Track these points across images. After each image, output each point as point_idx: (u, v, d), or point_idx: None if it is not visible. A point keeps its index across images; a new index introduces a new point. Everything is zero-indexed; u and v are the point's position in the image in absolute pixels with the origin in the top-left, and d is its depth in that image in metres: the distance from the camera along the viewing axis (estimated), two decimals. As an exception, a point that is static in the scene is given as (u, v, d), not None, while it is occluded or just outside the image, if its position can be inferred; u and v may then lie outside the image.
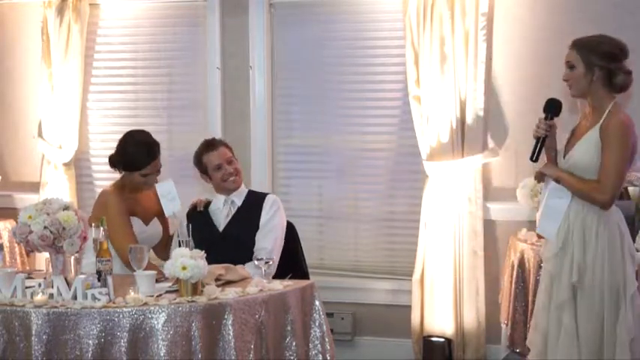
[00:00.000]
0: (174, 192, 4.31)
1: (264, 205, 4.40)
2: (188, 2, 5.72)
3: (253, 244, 4.31)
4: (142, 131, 4.44)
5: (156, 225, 4.43)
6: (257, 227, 4.35)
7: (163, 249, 4.48)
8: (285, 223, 4.45)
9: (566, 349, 3.49)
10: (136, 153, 4.31)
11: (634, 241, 4.19)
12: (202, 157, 4.44)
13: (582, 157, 3.50)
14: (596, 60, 3.49)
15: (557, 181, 3.55)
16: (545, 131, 3.56)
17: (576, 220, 3.52)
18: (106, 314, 3.27)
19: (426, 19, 5.11)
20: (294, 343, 3.66)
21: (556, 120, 3.62)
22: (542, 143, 3.58)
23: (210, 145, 4.47)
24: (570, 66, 3.54)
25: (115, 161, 4.37)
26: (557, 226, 3.55)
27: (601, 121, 3.49)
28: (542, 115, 3.61)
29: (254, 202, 4.41)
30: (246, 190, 4.49)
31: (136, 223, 4.31)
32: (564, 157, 3.58)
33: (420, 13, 5.12)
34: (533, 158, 3.60)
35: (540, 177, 3.68)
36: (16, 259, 5.52)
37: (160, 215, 4.45)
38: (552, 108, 3.60)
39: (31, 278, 3.85)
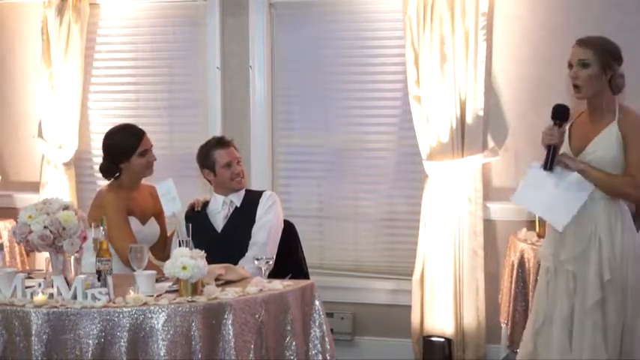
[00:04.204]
0: (174, 192, 4.30)
1: (260, 201, 4.40)
2: (188, 2, 5.72)
3: (252, 242, 4.34)
4: (115, 126, 4.46)
5: (153, 225, 4.41)
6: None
7: (161, 249, 4.45)
8: (281, 218, 4.44)
9: (594, 348, 3.47)
10: (123, 137, 4.31)
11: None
12: (212, 152, 4.41)
13: (605, 154, 3.48)
14: (611, 61, 3.50)
15: (581, 173, 3.51)
16: (558, 138, 3.53)
17: (601, 218, 3.50)
18: (106, 314, 3.27)
19: (426, 19, 5.11)
20: (294, 343, 3.66)
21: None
22: (555, 151, 3.52)
23: (221, 142, 4.46)
24: (584, 64, 3.51)
25: (107, 164, 4.33)
26: (570, 217, 3.53)
27: (616, 118, 3.49)
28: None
29: (252, 200, 4.41)
30: (244, 191, 4.49)
31: (133, 222, 4.29)
32: (576, 155, 3.56)
33: (420, 13, 5.12)
34: (548, 167, 3.53)
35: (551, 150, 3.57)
36: (16, 259, 5.52)
37: (157, 215, 4.44)
38: (561, 114, 3.56)
39: (31, 278, 3.84)
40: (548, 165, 3.53)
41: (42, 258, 5.06)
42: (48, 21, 5.71)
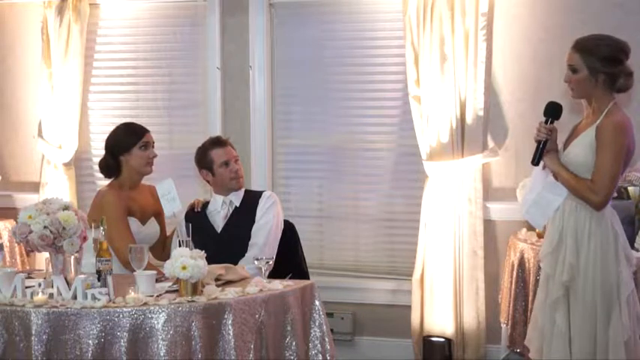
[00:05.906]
0: (174, 192, 4.29)
1: (259, 201, 4.40)
2: (188, 2, 5.72)
3: (252, 243, 4.34)
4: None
5: (153, 225, 4.41)
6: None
7: (161, 250, 4.46)
8: (281, 218, 4.44)
9: (558, 348, 3.50)
10: (123, 134, 4.35)
11: (634, 241, 4.21)
12: (209, 151, 4.42)
13: (577, 155, 3.51)
14: (600, 66, 3.47)
15: (555, 175, 3.56)
16: (546, 135, 3.55)
17: (570, 220, 3.53)
18: (106, 314, 3.27)
19: (426, 19, 5.11)
20: (294, 343, 3.66)
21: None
22: (544, 147, 3.57)
23: (218, 141, 4.46)
24: (573, 70, 3.53)
25: (107, 158, 4.34)
26: (546, 219, 3.59)
27: (598, 120, 3.49)
28: (543, 118, 3.60)
29: (251, 201, 4.41)
30: (243, 191, 4.49)
31: (133, 222, 4.29)
32: (563, 152, 3.59)
33: (420, 13, 5.12)
34: (535, 162, 3.60)
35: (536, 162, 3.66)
36: (16, 259, 5.52)
37: (157, 215, 4.43)
38: (553, 112, 3.59)
39: (31, 278, 3.84)
40: (535, 160, 3.59)
41: (42, 258, 5.07)
42: (48, 21, 5.71)
